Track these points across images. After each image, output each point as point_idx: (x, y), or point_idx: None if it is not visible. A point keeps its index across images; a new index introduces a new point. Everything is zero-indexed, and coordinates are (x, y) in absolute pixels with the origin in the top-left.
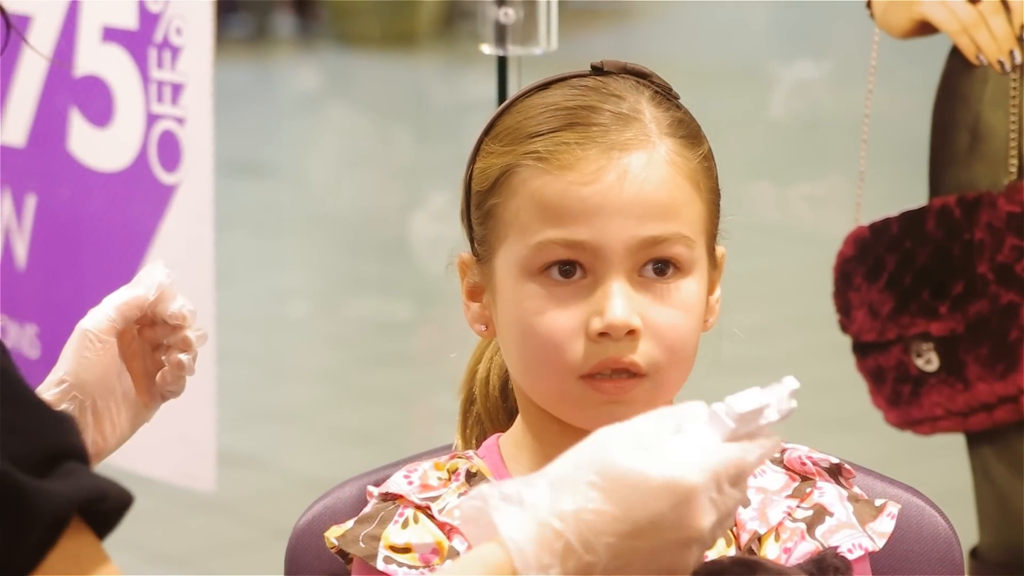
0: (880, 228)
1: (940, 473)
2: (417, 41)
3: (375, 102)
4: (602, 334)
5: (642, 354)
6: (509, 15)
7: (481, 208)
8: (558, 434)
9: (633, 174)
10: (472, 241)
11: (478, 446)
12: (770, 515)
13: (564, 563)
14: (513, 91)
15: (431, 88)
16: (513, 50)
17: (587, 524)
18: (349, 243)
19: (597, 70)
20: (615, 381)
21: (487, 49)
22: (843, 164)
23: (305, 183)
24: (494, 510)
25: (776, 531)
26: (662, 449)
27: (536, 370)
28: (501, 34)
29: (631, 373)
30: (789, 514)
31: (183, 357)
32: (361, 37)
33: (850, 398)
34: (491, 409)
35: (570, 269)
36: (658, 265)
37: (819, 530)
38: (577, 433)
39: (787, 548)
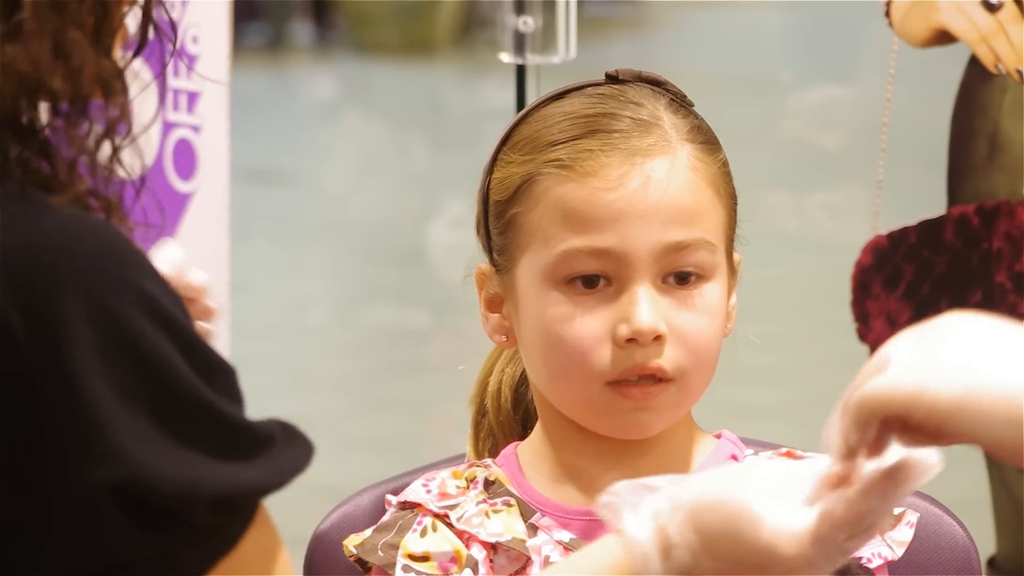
0: (898, 237)
1: (958, 482)
2: (435, 49)
3: (392, 110)
4: (629, 340)
5: (668, 359)
6: (528, 24)
7: (501, 218)
8: (579, 442)
9: (656, 179)
10: (491, 252)
11: (492, 457)
12: None
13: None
14: (532, 99)
15: (448, 96)
16: (532, 58)
17: (694, 540)
18: (366, 251)
19: (612, 79)
20: (642, 387)
21: (505, 57)
22: (861, 173)
23: (321, 191)
24: (624, 505)
25: None
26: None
27: (562, 378)
28: (520, 42)
29: (657, 378)
30: None
31: (205, 326)
32: (378, 45)
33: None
34: (503, 421)
35: (594, 280)
36: (682, 273)
37: None
38: (598, 441)
39: None
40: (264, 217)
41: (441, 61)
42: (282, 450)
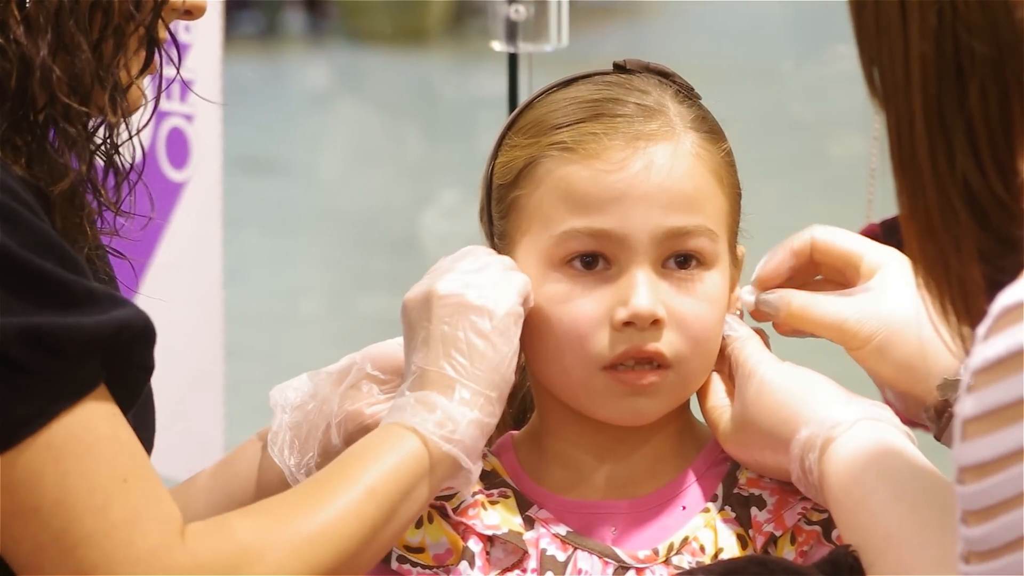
0: (891, 225)
1: (952, 473)
2: (427, 38)
3: (385, 99)
4: (627, 323)
5: (667, 343)
6: (520, 12)
7: (503, 202)
8: (576, 431)
9: (658, 164)
10: (492, 237)
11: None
12: (785, 517)
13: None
14: (524, 88)
15: (441, 85)
16: (524, 47)
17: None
18: (359, 240)
19: (620, 68)
20: (638, 372)
21: (498, 46)
22: (854, 161)
23: (315, 180)
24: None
25: (792, 533)
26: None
27: (559, 361)
28: (512, 31)
29: (655, 364)
30: (804, 515)
31: None
32: (371, 34)
33: (863, 397)
34: None
35: (592, 261)
36: (681, 258)
37: (835, 533)
38: (595, 427)
39: (803, 551)
40: (257, 206)
41: (433, 50)
42: (107, 309)
